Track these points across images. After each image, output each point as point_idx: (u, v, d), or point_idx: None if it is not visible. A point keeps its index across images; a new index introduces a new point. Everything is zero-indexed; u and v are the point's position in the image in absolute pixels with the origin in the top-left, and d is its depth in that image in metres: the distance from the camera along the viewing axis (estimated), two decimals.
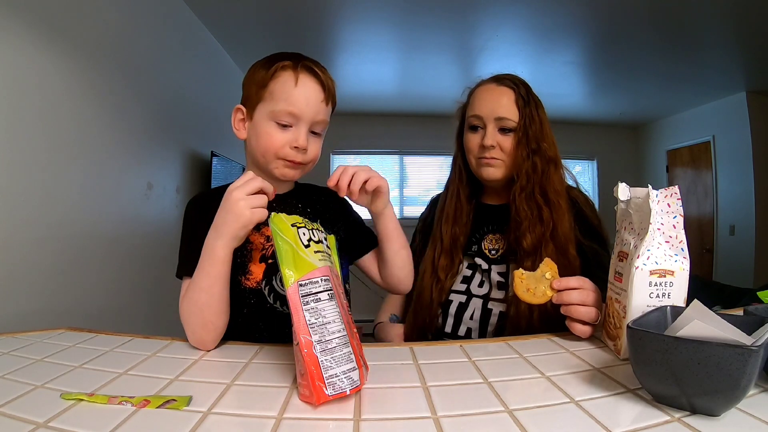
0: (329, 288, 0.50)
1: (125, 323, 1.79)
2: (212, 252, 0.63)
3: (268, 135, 0.72)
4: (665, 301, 0.56)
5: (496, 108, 0.88)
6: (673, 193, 0.57)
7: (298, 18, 2.65)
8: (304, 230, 0.52)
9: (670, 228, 0.57)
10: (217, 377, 0.54)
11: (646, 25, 2.70)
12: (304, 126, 0.72)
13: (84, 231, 1.59)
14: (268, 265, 0.75)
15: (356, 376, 0.47)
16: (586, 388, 0.49)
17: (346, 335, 0.48)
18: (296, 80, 0.70)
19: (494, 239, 0.94)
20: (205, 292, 0.63)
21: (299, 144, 0.71)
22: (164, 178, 2.25)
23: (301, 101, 0.71)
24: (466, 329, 0.89)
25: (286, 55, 0.73)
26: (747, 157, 3.89)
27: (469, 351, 0.64)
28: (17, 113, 1.29)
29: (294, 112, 0.70)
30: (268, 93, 0.71)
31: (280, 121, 0.71)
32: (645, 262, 0.56)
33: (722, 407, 0.40)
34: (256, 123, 0.73)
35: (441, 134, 4.80)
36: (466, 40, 3.02)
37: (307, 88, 0.71)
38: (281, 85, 0.71)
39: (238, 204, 0.61)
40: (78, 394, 0.47)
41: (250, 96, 0.74)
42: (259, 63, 0.75)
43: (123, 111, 1.86)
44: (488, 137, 0.88)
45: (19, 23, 1.30)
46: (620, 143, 5.33)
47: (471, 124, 0.92)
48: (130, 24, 1.92)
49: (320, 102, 0.73)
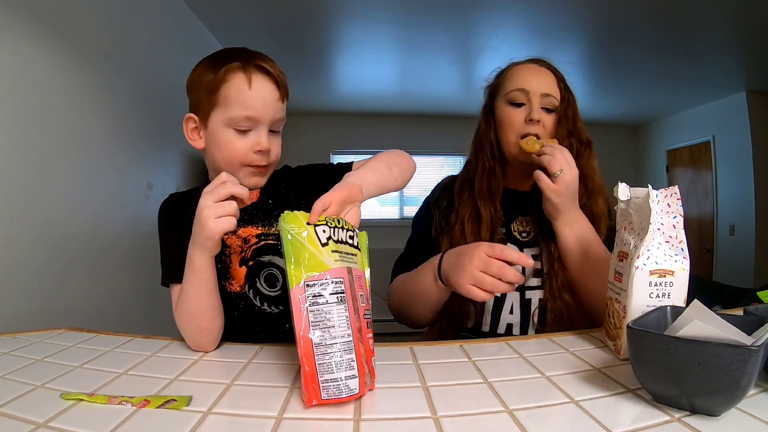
0: (340, 291, 0.47)
1: (125, 323, 1.79)
2: (191, 262, 0.62)
3: (228, 143, 0.68)
4: (665, 301, 0.56)
5: (542, 85, 0.87)
6: (673, 193, 0.57)
7: (298, 18, 2.65)
8: (324, 228, 0.50)
9: (670, 228, 0.57)
10: (216, 377, 0.54)
11: (646, 25, 2.69)
12: (263, 128, 0.69)
13: (84, 231, 1.59)
14: (249, 268, 0.74)
15: (354, 384, 0.46)
16: (586, 388, 0.49)
17: (350, 341, 0.47)
18: (249, 82, 0.66)
19: (524, 221, 0.91)
20: (194, 301, 0.63)
21: (262, 147, 0.68)
22: (164, 178, 2.25)
23: (258, 104, 0.67)
24: (506, 326, 0.86)
25: (232, 54, 0.68)
26: (747, 157, 3.89)
27: (469, 351, 0.64)
28: (17, 113, 1.29)
29: (252, 116, 0.67)
30: (221, 98, 0.67)
31: (238, 127, 0.67)
32: (645, 262, 0.56)
33: (722, 407, 0.40)
34: (213, 132, 0.69)
35: (441, 134, 4.85)
36: (466, 40, 3.02)
37: (262, 88, 0.67)
38: (234, 88, 0.66)
39: (203, 213, 0.58)
40: (78, 394, 0.47)
41: (200, 102, 0.69)
42: (204, 65, 0.70)
43: (123, 111, 1.86)
44: (535, 111, 0.86)
45: (19, 23, 1.30)
46: (620, 143, 5.33)
47: (514, 100, 0.88)
48: (130, 24, 1.92)
49: (277, 101, 0.69)
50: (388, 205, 4.86)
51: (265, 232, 0.76)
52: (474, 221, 0.88)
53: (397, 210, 4.86)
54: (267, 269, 0.75)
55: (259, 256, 0.75)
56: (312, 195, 0.69)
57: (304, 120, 4.70)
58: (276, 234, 0.76)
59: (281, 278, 0.76)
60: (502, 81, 0.92)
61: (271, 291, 0.75)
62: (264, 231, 0.76)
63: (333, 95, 4.23)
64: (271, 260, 0.76)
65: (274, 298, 0.75)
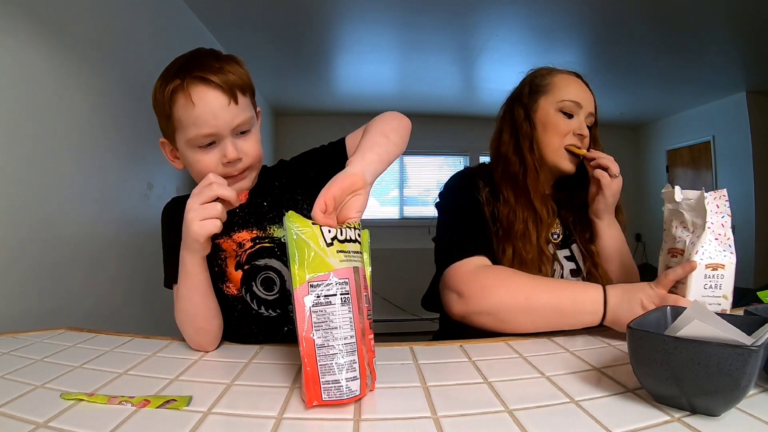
0: (345, 291, 0.47)
1: (125, 323, 1.79)
2: (182, 264, 0.62)
3: (197, 163, 0.67)
4: (717, 291, 0.63)
5: (590, 104, 0.91)
6: (722, 195, 0.64)
7: (298, 18, 2.65)
8: (329, 227, 0.49)
9: (719, 227, 0.63)
10: (216, 377, 0.54)
11: (646, 25, 2.70)
12: (225, 138, 0.65)
13: (84, 231, 1.59)
14: (245, 272, 0.74)
15: (356, 386, 0.46)
16: (586, 388, 0.49)
17: (353, 343, 0.46)
18: (191, 100, 0.62)
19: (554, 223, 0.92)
20: (188, 302, 0.63)
21: (229, 158, 0.65)
22: (164, 178, 2.25)
23: (209, 118, 0.63)
24: None
25: (175, 69, 0.65)
26: (747, 157, 3.89)
27: (469, 351, 0.64)
28: (16, 114, 1.28)
29: (207, 132, 0.64)
30: (176, 122, 0.65)
31: (200, 144, 0.65)
32: (702, 257, 0.63)
33: (722, 407, 0.40)
34: (182, 153, 0.69)
35: (441, 134, 4.85)
36: (466, 40, 3.01)
37: (206, 102, 0.63)
38: (182, 110, 0.64)
39: (188, 216, 0.57)
40: (78, 394, 0.47)
41: (163, 128, 0.69)
42: (158, 84, 0.67)
43: (123, 111, 1.86)
44: (584, 127, 0.89)
45: (18, 23, 1.30)
46: (620, 143, 5.32)
47: (567, 110, 0.88)
48: (129, 24, 1.92)
49: (227, 107, 0.64)
50: (388, 205, 4.86)
51: (260, 235, 0.75)
52: (534, 222, 0.85)
53: (397, 210, 4.86)
54: (264, 273, 0.75)
55: (255, 259, 0.74)
56: (310, 187, 0.68)
57: (304, 120, 4.70)
58: (272, 237, 0.75)
59: (278, 282, 0.75)
60: (550, 85, 0.91)
61: (268, 295, 0.75)
62: (259, 234, 0.75)
63: (333, 95, 4.23)
64: (268, 263, 0.75)
65: (271, 302, 0.75)
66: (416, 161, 4.97)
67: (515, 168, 0.88)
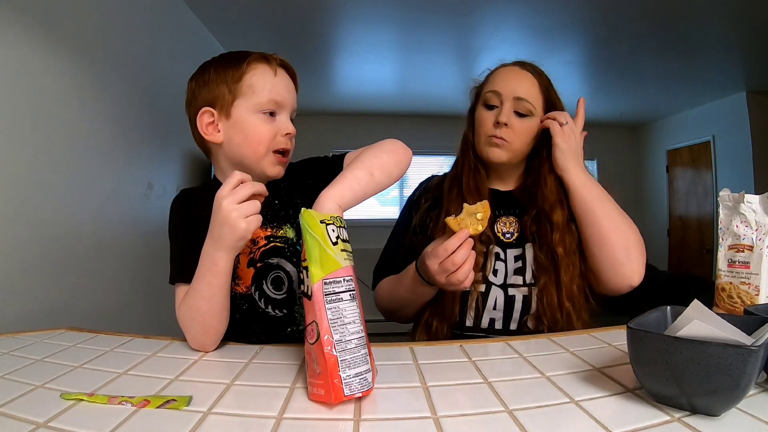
0: (351, 288, 0.49)
1: (125, 323, 1.79)
2: (213, 264, 0.61)
3: (256, 129, 0.70)
4: None
5: (517, 87, 0.88)
6: None
7: (298, 18, 2.65)
8: (332, 227, 0.51)
9: None
10: (217, 377, 0.54)
11: (646, 25, 2.70)
12: (286, 114, 0.73)
13: (84, 231, 1.59)
14: (257, 269, 0.74)
15: (370, 378, 0.47)
16: (586, 388, 0.49)
17: (363, 337, 0.49)
18: (275, 71, 0.72)
19: (507, 222, 0.91)
20: (207, 301, 0.62)
21: (290, 130, 0.72)
22: (164, 178, 2.24)
23: (284, 90, 0.72)
24: (489, 320, 0.86)
25: (244, 53, 0.74)
26: (747, 157, 3.89)
27: (469, 351, 0.64)
28: (16, 114, 1.29)
29: (279, 100, 0.71)
30: (246, 87, 0.70)
31: (265, 110, 0.71)
32: None
33: (722, 407, 0.40)
34: (239, 120, 0.70)
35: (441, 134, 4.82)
36: (466, 40, 3.02)
37: (282, 76, 0.73)
38: (259, 77, 0.71)
39: (231, 215, 0.57)
40: (78, 394, 0.47)
41: (219, 96, 0.71)
42: (217, 63, 0.73)
43: (123, 111, 1.86)
44: (503, 114, 0.87)
45: (18, 22, 1.30)
46: (620, 143, 5.33)
47: (487, 102, 0.90)
48: (129, 24, 1.92)
49: (294, 92, 0.75)
50: (388, 205, 4.86)
51: (274, 234, 0.76)
52: None
53: (397, 210, 4.86)
54: (275, 272, 0.75)
55: (268, 258, 0.75)
56: (308, 193, 0.70)
57: (304, 120, 4.66)
58: (283, 237, 0.76)
59: (287, 282, 0.75)
60: (484, 82, 0.94)
61: (276, 294, 0.75)
62: (272, 233, 0.76)
63: (333, 95, 4.24)
64: (279, 263, 0.75)
65: (278, 302, 0.75)
66: (416, 161, 4.89)
67: (458, 168, 0.96)
